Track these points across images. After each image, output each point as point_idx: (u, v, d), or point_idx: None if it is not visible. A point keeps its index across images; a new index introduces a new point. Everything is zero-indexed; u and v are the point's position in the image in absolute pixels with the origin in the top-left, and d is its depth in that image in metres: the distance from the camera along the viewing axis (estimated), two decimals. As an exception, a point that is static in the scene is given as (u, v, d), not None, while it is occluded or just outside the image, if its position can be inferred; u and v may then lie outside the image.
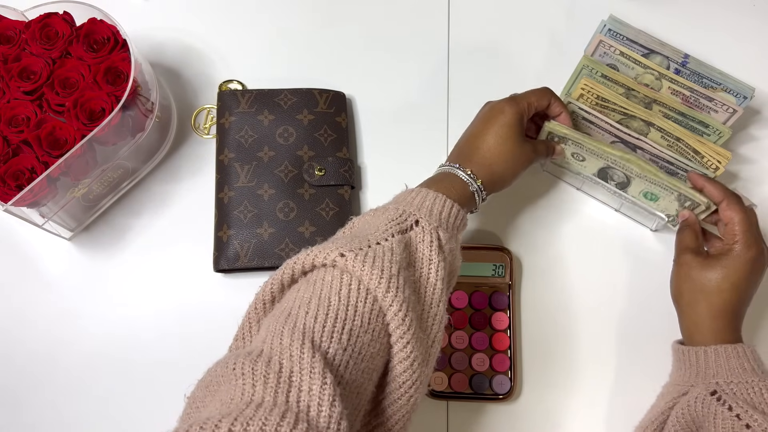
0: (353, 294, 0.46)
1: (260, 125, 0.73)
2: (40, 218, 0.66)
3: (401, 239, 0.51)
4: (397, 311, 0.46)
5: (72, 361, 0.68)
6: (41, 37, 0.66)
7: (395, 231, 0.51)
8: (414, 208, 0.54)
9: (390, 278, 0.47)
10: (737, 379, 0.56)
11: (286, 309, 0.46)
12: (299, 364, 0.40)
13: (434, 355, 0.50)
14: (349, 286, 0.46)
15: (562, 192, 0.75)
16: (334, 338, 0.43)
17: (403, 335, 0.46)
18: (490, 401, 0.67)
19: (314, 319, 0.44)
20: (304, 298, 0.46)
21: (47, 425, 0.67)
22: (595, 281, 0.71)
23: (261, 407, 0.36)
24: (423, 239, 0.52)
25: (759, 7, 0.82)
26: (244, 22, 0.81)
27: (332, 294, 0.46)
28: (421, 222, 0.53)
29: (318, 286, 0.47)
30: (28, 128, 0.63)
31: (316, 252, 0.48)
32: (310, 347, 0.41)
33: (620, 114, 0.69)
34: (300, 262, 0.49)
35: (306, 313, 0.44)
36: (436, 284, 0.51)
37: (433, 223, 0.53)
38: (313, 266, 0.49)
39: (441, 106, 0.78)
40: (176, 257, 0.72)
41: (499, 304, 0.69)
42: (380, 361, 0.47)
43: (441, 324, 0.51)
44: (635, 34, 0.71)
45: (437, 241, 0.52)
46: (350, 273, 0.47)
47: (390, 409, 0.48)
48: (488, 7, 0.82)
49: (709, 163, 0.67)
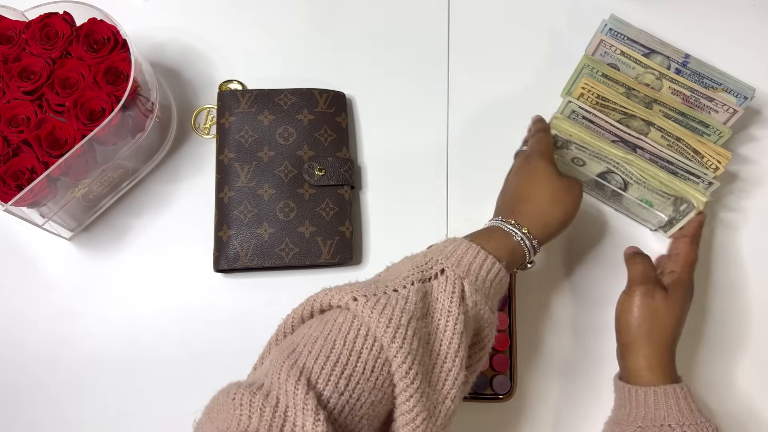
0: (359, 340, 0.45)
1: (260, 125, 0.73)
2: (40, 218, 0.66)
3: (420, 287, 0.49)
4: (401, 363, 0.45)
5: (72, 360, 0.68)
6: (41, 37, 0.66)
7: (416, 278, 0.50)
8: (443, 257, 0.52)
9: (397, 327, 0.45)
10: (688, 421, 0.55)
11: (292, 344, 0.46)
12: (293, 400, 0.41)
13: (446, 412, 0.48)
14: (357, 331, 0.45)
15: (563, 192, 0.75)
16: (331, 381, 0.43)
17: (406, 388, 0.45)
18: (490, 401, 0.67)
19: (315, 360, 0.44)
20: (311, 337, 0.46)
21: (47, 424, 0.67)
22: (595, 281, 0.71)
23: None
24: (444, 289, 0.50)
25: (759, 8, 0.82)
26: (244, 22, 0.81)
27: (339, 337, 0.45)
28: (446, 271, 0.51)
29: (327, 327, 0.46)
30: (28, 128, 0.63)
31: (334, 292, 0.48)
32: (305, 385, 0.42)
33: (620, 113, 0.69)
34: (319, 300, 0.49)
35: (309, 352, 0.44)
36: (452, 338, 0.48)
37: (458, 273, 0.50)
38: (330, 306, 0.49)
39: (441, 106, 0.78)
40: (176, 257, 0.72)
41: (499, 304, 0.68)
42: (383, 410, 0.46)
43: (456, 380, 0.48)
44: (636, 33, 0.71)
45: (459, 292, 0.50)
46: (360, 318, 0.46)
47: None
48: (488, 7, 0.82)
49: (709, 163, 0.67)
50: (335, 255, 0.70)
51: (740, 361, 0.69)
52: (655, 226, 0.72)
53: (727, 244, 0.73)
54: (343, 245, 0.70)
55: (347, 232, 0.71)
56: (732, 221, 0.74)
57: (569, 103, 0.68)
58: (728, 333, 0.70)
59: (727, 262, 0.73)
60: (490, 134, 0.77)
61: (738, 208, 0.74)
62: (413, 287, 0.49)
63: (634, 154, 0.67)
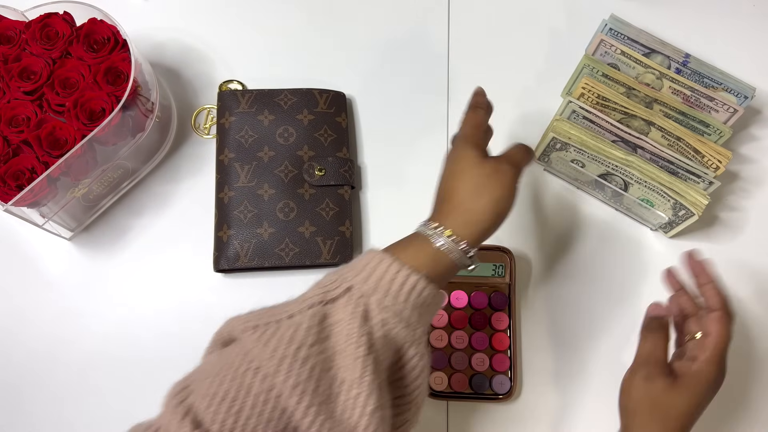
0: (249, 374, 0.43)
1: (260, 125, 0.73)
2: (40, 218, 0.66)
3: (318, 311, 0.46)
4: (290, 395, 0.42)
5: (72, 360, 0.68)
6: (41, 37, 0.66)
7: (317, 301, 0.46)
8: (353, 273, 0.47)
9: (283, 358, 0.43)
10: None
11: (186, 380, 0.45)
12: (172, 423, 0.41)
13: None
14: (249, 365, 0.43)
15: (563, 191, 0.75)
16: (218, 419, 0.41)
17: (302, 419, 0.42)
18: (490, 401, 0.67)
19: (202, 397, 0.42)
20: (204, 372, 0.45)
21: (47, 424, 0.67)
22: (596, 281, 0.71)
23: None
24: (345, 309, 0.46)
25: (759, 8, 0.82)
26: (244, 22, 0.81)
27: (229, 371, 0.43)
28: (352, 289, 0.47)
29: (221, 361, 0.45)
30: (28, 128, 0.63)
31: (235, 322, 0.47)
32: (190, 423, 0.41)
33: (621, 113, 0.69)
34: (225, 331, 0.48)
35: (199, 389, 0.43)
36: (355, 362, 0.44)
37: (364, 291, 0.46)
38: (231, 338, 0.47)
39: (441, 106, 0.78)
40: (176, 257, 0.72)
41: (499, 304, 0.69)
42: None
43: (366, 407, 0.43)
44: (636, 33, 0.71)
45: (362, 312, 0.45)
46: (251, 352, 0.44)
47: None
48: (488, 7, 0.82)
49: (710, 162, 0.67)
50: (335, 255, 0.70)
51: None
52: (656, 227, 0.72)
53: (728, 244, 0.73)
54: (343, 245, 0.70)
55: (347, 232, 0.71)
56: (732, 221, 0.74)
57: (569, 103, 0.68)
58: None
59: (727, 261, 0.72)
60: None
61: (738, 208, 0.74)
62: (309, 312, 0.46)
63: (635, 155, 0.67)
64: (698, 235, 0.73)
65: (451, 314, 0.68)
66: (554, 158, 0.72)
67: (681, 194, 0.66)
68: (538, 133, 0.72)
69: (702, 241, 0.73)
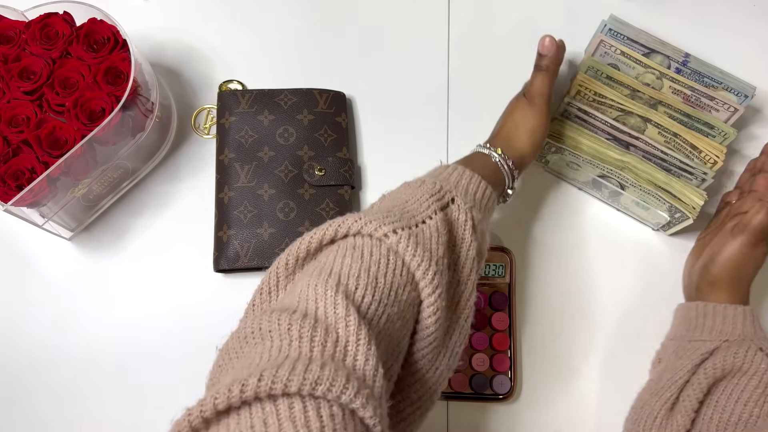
0: (397, 278, 0.46)
1: (260, 125, 0.73)
2: (40, 218, 0.66)
3: (443, 217, 0.51)
4: (431, 301, 0.47)
5: (72, 360, 0.68)
6: (41, 37, 0.66)
7: (437, 207, 0.52)
8: (450, 186, 0.54)
9: (431, 263, 0.47)
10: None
11: (321, 266, 0.46)
12: (334, 315, 0.41)
13: (459, 330, 0.51)
14: (395, 267, 0.46)
15: (563, 191, 0.75)
16: (375, 318, 0.43)
17: (430, 316, 0.47)
18: (490, 401, 0.67)
19: (362, 295, 0.44)
20: (349, 267, 0.45)
21: (47, 424, 0.67)
22: (596, 281, 0.71)
23: (299, 360, 0.37)
24: (458, 218, 0.52)
25: (759, 7, 0.82)
26: (244, 22, 0.81)
27: (379, 272, 0.46)
28: (456, 200, 0.53)
29: (365, 259, 0.46)
30: (28, 128, 0.63)
31: (364, 222, 0.48)
32: (355, 313, 0.41)
33: (617, 111, 0.69)
34: (346, 226, 0.48)
35: (356, 286, 0.44)
36: (470, 266, 0.52)
37: (468, 203, 0.53)
38: (359, 233, 0.48)
39: (441, 106, 0.78)
40: (176, 257, 0.72)
41: (499, 304, 0.69)
42: (405, 343, 0.47)
43: (469, 302, 0.52)
44: (636, 33, 0.71)
45: (471, 221, 0.52)
46: (397, 254, 0.47)
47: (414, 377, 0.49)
48: (488, 7, 0.82)
49: (707, 157, 0.67)
50: (335, 255, 0.70)
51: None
52: (657, 226, 0.72)
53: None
54: (343, 245, 0.70)
55: (347, 232, 0.71)
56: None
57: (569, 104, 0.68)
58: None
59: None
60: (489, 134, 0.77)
61: (738, 208, 0.74)
62: (437, 217, 0.51)
63: (629, 153, 0.67)
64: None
65: (451, 314, 0.68)
66: (552, 159, 0.72)
67: (676, 196, 0.66)
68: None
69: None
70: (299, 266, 0.49)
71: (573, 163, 0.69)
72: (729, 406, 0.56)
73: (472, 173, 0.56)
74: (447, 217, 0.52)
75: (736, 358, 0.57)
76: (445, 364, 0.50)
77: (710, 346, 0.59)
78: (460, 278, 0.52)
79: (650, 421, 0.59)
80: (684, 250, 0.72)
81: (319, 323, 0.40)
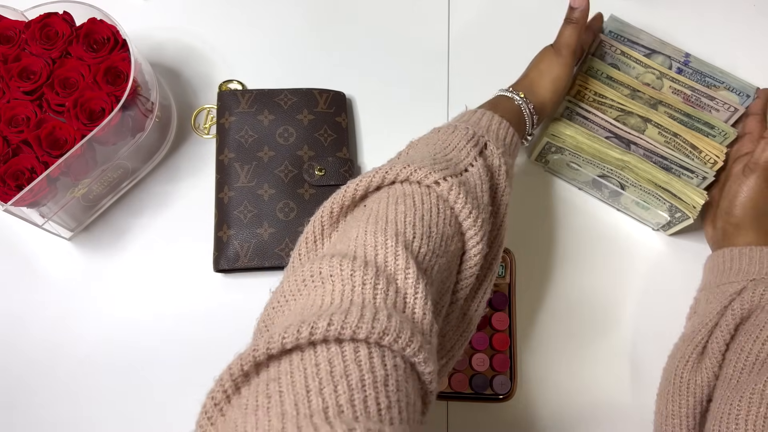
0: (448, 228, 0.46)
1: (260, 125, 0.73)
2: (40, 218, 0.66)
3: (483, 163, 0.52)
4: (476, 243, 0.47)
5: (72, 360, 0.68)
6: (41, 37, 0.66)
7: (476, 153, 0.52)
8: (482, 130, 0.55)
9: (479, 213, 0.48)
10: None
11: (375, 213, 0.45)
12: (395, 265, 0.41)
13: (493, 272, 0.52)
14: (437, 206, 0.46)
15: (564, 191, 0.75)
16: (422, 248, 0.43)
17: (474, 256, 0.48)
18: (490, 401, 0.67)
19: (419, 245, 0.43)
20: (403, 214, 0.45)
21: (46, 424, 0.66)
22: (596, 281, 0.71)
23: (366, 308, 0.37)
24: (492, 163, 0.53)
25: (759, 7, 0.82)
26: (244, 22, 0.81)
27: (432, 222, 0.45)
28: (489, 145, 0.54)
29: (410, 201, 0.46)
30: (28, 128, 0.63)
31: (414, 168, 0.48)
32: (403, 247, 0.42)
33: (618, 110, 0.69)
34: (394, 173, 0.48)
35: (413, 235, 0.44)
36: (504, 211, 0.53)
37: (500, 148, 0.54)
38: (407, 180, 0.48)
39: (441, 106, 0.78)
40: (176, 257, 0.72)
41: (499, 304, 0.68)
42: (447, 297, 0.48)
43: (501, 247, 0.53)
44: (636, 33, 0.72)
45: (505, 167, 0.53)
46: (447, 202, 0.47)
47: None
48: (488, 7, 0.82)
49: (708, 157, 0.67)
50: (335, 255, 0.70)
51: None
52: (657, 226, 0.72)
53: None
54: (343, 245, 0.70)
55: (347, 232, 0.71)
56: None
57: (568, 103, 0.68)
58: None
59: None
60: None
61: (739, 208, 0.74)
62: (478, 163, 0.51)
63: (630, 153, 0.67)
64: (700, 234, 0.72)
65: (451, 314, 0.68)
66: (552, 159, 0.72)
67: (676, 196, 0.66)
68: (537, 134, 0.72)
69: (704, 240, 0.72)
70: (343, 215, 0.49)
71: (573, 163, 0.69)
72: (748, 345, 0.57)
73: (501, 118, 0.57)
74: (486, 162, 0.52)
75: (762, 297, 0.58)
76: (476, 310, 0.51)
77: (737, 287, 0.60)
78: (500, 223, 0.53)
79: (681, 365, 0.60)
80: (684, 250, 0.72)
81: (380, 272, 0.40)
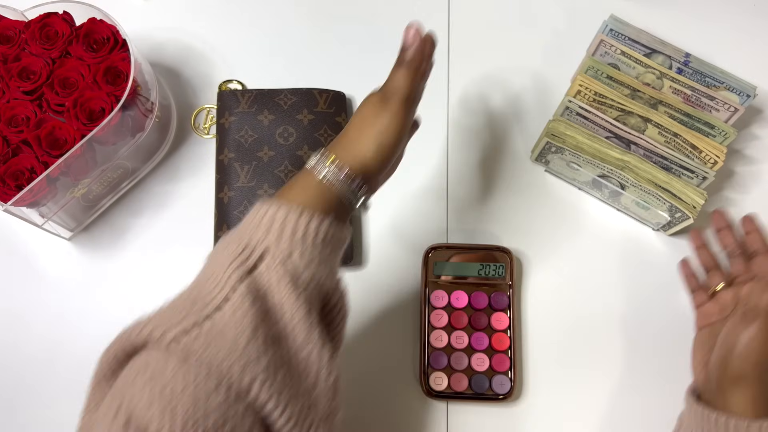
0: (200, 387, 0.38)
1: (260, 125, 0.73)
2: (40, 218, 0.66)
3: (246, 290, 0.42)
4: (257, 394, 0.40)
5: (72, 360, 0.68)
6: (41, 37, 0.66)
7: (237, 277, 0.43)
8: (261, 235, 0.45)
9: (240, 356, 0.40)
10: None
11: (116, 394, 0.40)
12: None
13: (326, 394, 0.44)
14: (196, 377, 0.39)
15: (563, 191, 0.75)
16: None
17: (275, 407, 0.40)
18: (490, 401, 0.66)
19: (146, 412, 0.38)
20: (142, 399, 0.38)
21: (47, 425, 0.66)
22: (597, 281, 0.71)
23: None
24: (270, 279, 0.43)
25: (759, 7, 0.82)
26: (244, 22, 0.81)
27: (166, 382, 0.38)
28: (266, 257, 0.44)
29: (158, 383, 0.39)
30: (27, 128, 0.63)
31: (152, 326, 0.41)
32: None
33: (618, 110, 0.68)
34: (133, 336, 0.42)
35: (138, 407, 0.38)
36: (296, 327, 0.43)
37: (282, 252, 0.44)
38: (146, 343, 0.42)
39: (441, 106, 0.78)
40: (176, 257, 0.71)
41: (499, 304, 0.68)
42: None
43: (321, 361, 0.43)
44: (636, 33, 0.71)
45: (288, 277, 0.43)
46: (194, 361, 0.39)
47: None
48: (488, 7, 0.82)
49: (708, 157, 0.67)
50: (335, 255, 0.70)
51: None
52: (657, 227, 0.72)
53: (728, 244, 0.73)
54: (343, 245, 0.70)
55: (347, 232, 0.71)
56: (733, 220, 0.74)
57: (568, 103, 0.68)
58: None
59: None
60: (489, 134, 0.77)
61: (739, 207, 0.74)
62: (236, 294, 0.42)
63: (630, 153, 0.67)
64: (699, 235, 0.73)
65: (451, 314, 0.68)
66: (552, 159, 0.72)
67: (677, 196, 0.66)
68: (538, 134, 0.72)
69: (702, 241, 0.72)
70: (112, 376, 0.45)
71: (573, 163, 0.69)
72: None
73: (289, 207, 0.45)
74: (255, 284, 0.43)
75: None
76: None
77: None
78: (293, 346, 0.43)
79: None
80: (684, 250, 0.72)
81: None
